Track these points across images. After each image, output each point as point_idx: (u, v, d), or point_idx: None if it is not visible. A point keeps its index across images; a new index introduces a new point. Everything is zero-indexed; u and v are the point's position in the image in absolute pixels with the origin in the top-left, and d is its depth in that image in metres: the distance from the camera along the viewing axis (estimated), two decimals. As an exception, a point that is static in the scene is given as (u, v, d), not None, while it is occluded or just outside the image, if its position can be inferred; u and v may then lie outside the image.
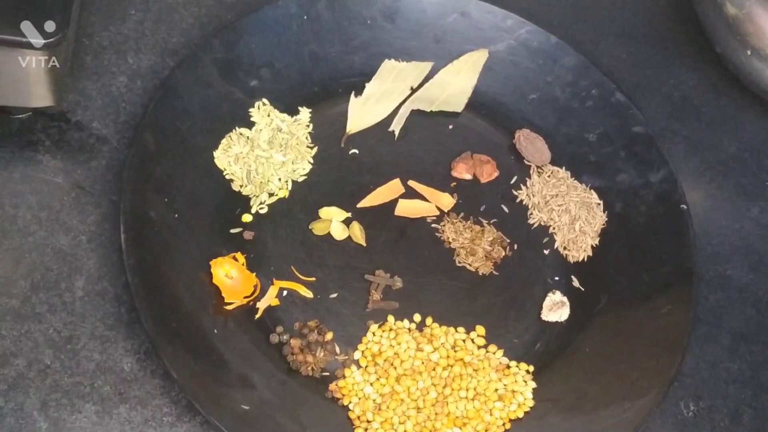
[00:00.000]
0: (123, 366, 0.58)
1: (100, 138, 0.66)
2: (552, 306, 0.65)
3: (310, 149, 0.68)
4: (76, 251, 0.61)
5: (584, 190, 0.69)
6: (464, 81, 0.72)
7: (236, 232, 0.64)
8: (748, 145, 0.77)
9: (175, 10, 0.72)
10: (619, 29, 0.81)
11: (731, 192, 0.74)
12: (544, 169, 0.70)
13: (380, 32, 0.72)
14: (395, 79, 0.71)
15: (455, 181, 0.69)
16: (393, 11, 0.72)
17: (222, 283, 0.61)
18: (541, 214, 0.68)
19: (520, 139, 0.70)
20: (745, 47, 0.71)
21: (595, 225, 0.68)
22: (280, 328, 0.61)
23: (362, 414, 0.59)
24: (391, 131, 0.70)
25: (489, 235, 0.66)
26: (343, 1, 0.71)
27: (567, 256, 0.67)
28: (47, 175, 0.63)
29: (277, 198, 0.66)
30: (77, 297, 0.60)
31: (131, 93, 0.68)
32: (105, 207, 0.63)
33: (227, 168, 0.66)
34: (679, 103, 0.78)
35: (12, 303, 0.59)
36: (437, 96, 0.72)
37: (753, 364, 0.66)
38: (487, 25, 0.73)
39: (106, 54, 0.69)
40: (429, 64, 0.72)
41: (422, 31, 0.73)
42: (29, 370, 0.57)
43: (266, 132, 0.67)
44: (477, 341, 0.63)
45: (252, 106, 0.68)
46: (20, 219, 0.62)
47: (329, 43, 0.71)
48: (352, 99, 0.71)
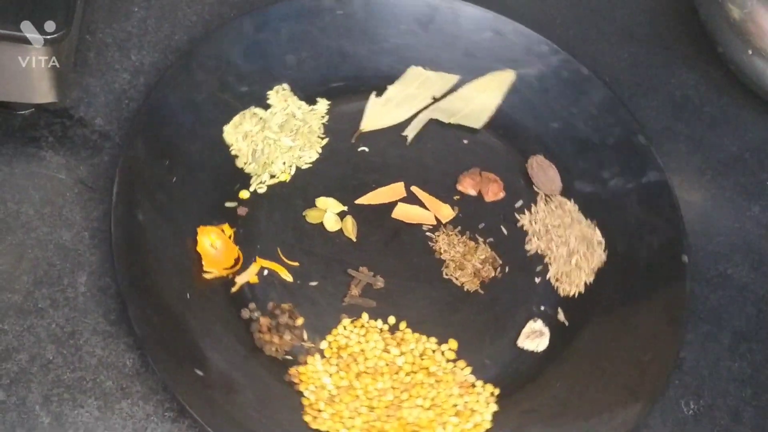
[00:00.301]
0: (125, 361, 0.58)
1: (103, 134, 0.66)
2: (530, 334, 0.63)
3: (321, 140, 0.69)
4: (79, 247, 0.61)
5: (588, 226, 0.68)
6: (488, 99, 0.72)
7: (231, 206, 0.65)
8: (749, 145, 0.77)
9: (178, 7, 0.72)
10: (621, 29, 0.81)
11: (732, 191, 0.74)
12: (553, 198, 0.69)
13: (412, 38, 0.72)
14: (419, 86, 0.71)
15: (459, 195, 0.69)
16: (428, 19, 0.72)
17: (205, 251, 0.61)
18: (539, 242, 0.67)
19: (533, 164, 0.70)
20: (747, 47, 0.71)
21: (592, 262, 0.66)
22: (253, 305, 0.62)
23: (315, 402, 0.59)
24: (405, 136, 0.70)
25: (482, 253, 0.66)
26: (381, 2, 0.72)
27: (558, 288, 0.66)
28: (50, 171, 0.64)
29: (278, 180, 0.67)
30: (80, 292, 0.60)
31: (134, 90, 0.68)
32: (108, 203, 0.63)
33: (234, 144, 0.66)
34: (680, 102, 0.78)
35: (14, 298, 0.59)
36: (458, 109, 0.71)
37: (753, 362, 0.66)
38: (520, 47, 0.72)
39: (109, 51, 0.69)
40: (455, 77, 0.72)
41: (454, 43, 0.72)
42: (31, 365, 0.57)
43: (280, 116, 0.68)
44: (447, 354, 0.62)
45: (270, 88, 0.69)
46: (23, 215, 0.62)
47: (359, 42, 0.71)
48: (371, 98, 0.71)
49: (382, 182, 0.68)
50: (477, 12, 0.72)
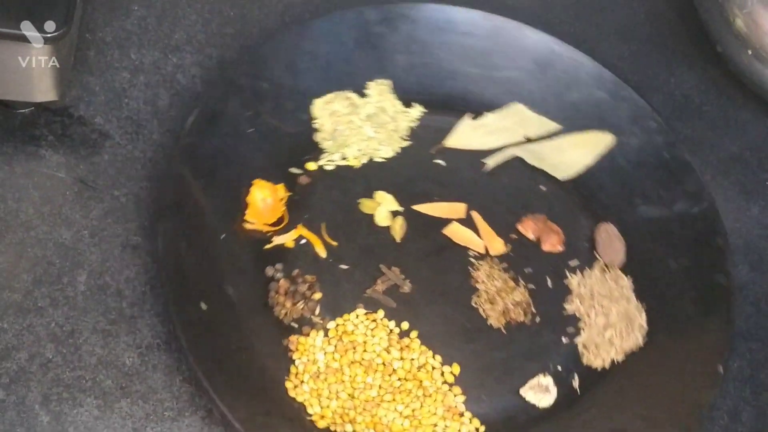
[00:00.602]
0: (125, 360, 0.58)
1: (103, 133, 0.66)
2: (536, 387, 0.61)
3: (402, 141, 0.69)
4: (78, 246, 0.61)
5: (636, 308, 0.64)
6: (580, 155, 0.70)
7: (295, 172, 0.67)
8: (748, 145, 0.77)
9: (177, 5, 0.72)
10: (621, 28, 0.81)
11: (732, 191, 0.74)
12: (610, 269, 0.66)
13: (526, 76, 0.72)
14: (517, 122, 0.71)
15: (516, 235, 0.67)
16: (547, 63, 0.72)
17: (254, 203, 0.63)
18: (581, 304, 0.64)
19: (601, 231, 0.67)
20: (746, 47, 0.71)
21: (627, 342, 0.63)
22: (280, 266, 0.62)
23: (301, 373, 0.59)
24: (484, 163, 0.70)
25: (518, 296, 0.64)
26: (508, 34, 0.72)
27: (582, 356, 0.63)
28: (50, 169, 0.64)
29: (347, 163, 0.68)
30: (79, 291, 0.60)
31: (134, 88, 0.68)
32: (107, 202, 0.63)
33: (319, 118, 0.68)
34: (680, 102, 0.78)
35: (14, 297, 0.59)
36: (547, 156, 0.70)
37: (752, 362, 0.66)
38: (629, 115, 0.71)
39: (109, 49, 0.69)
40: (556, 125, 0.71)
41: (565, 93, 0.72)
42: (31, 363, 0.57)
43: (372, 107, 0.69)
44: (446, 376, 0.61)
45: (372, 80, 0.70)
46: (22, 213, 0.62)
47: (473, 64, 0.72)
48: (465, 118, 0.71)
49: (445, 197, 0.68)
50: (598, 70, 0.72)
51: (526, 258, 0.67)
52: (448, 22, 0.72)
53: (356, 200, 0.67)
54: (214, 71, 0.70)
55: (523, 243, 0.67)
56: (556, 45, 0.72)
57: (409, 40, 0.71)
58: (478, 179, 0.69)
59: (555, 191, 0.70)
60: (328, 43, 0.70)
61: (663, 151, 0.70)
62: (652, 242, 0.68)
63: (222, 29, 0.73)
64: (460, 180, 0.69)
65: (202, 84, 0.69)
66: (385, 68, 0.71)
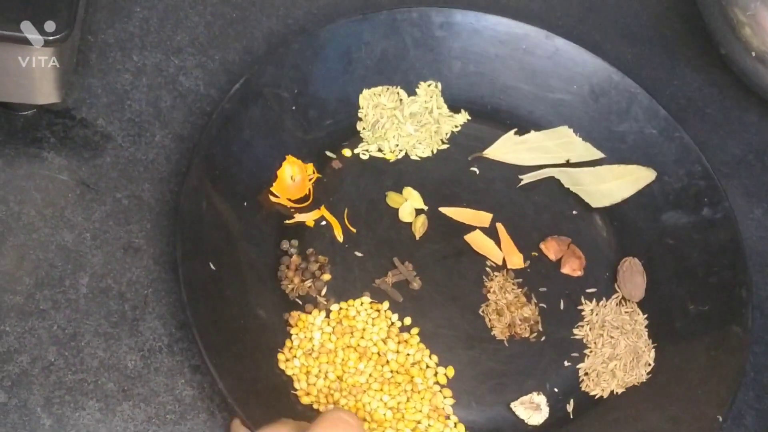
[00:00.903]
0: (127, 363, 0.58)
1: (105, 135, 0.66)
2: (528, 403, 0.61)
3: (441, 143, 0.70)
4: (81, 248, 0.61)
5: (645, 344, 0.64)
6: (619, 187, 0.70)
7: (329, 155, 0.68)
8: (752, 147, 0.77)
9: (180, 7, 0.72)
10: (624, 30, 0.81)
11: (735, 194, 0.73)
12: (627, 303, 0.66)
13: (578, 100, 0.72)
14: (560, 145, 0.71)
15: (537, 252, 0.67)
16: (602, 91, 0.72)
17: (282, 177, 0.65)
18: (590, 332, 0.64)
19: (625, 264, 0.67)
20: (750, 50, 0.71)
21: (629, 377, 0.63)
22: (296, 242, 0.64)
23: (295, 348, 0.60)
24: (520, 178, 0.70)
25: (527, 312, 0.64)
26: (569, 57, 0.72)
27: (582, 382, 0.63)
28: (52, 172, 0.63)
29: (382, 156, 0.69)
30: (81, 294, 0.60)
31: (136, 90, 0.68)
32: (109, 204, 0.63)
33: (364, 108, 0.70)
34: (683, 104, 0.78)
35: (16, 300, 0.59)
36: (585, 182, 0.70)
37: (756, 365, 0.66)
38: (677, 157, 0.70)
39: (111, 51, 0.69)
40: (600, 154, 0.71)
41: (615, 124, 0.72)
42: (33, 366, 0.57)
43: (418, 106, 0.70)
44: (439, 377, 0.61)
45: (425, 80, 0.71)
46: (24, 216, 0.62)
47: (527, 81, 0.72)
48: (510, 133, 0.71)
49: (473, 205, 0.68)
50: (653, 106, 0.71)
51: (543, 277, 0.66)
52: (510, 37, 0.72)
53: (384, 193, 0.67)
54: (216, 73, 0.70)
55: (542, 261, 0.67)
56: (614, 74, 0.72)
57: (468, 48, 0.72)
58: (510, 193, 0.69)
59: (585, 217, 0.70)
60: (387, 38, 0.71)
61: (704, 196, 0.69)
62: (675, 283, 0.67)
63: (224, 31, 0.72)
64: (491, 190, 0.69)
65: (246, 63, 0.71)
66: (440, 71, 0.72)
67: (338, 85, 0.70)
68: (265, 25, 0.73)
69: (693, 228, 0.68)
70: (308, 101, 0.68)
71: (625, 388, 0.63)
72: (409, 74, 0.71)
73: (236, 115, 0.65)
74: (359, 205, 0.67)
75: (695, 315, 0.65)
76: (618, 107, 0.72)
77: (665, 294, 0.67)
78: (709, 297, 0.66)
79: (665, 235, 0.69)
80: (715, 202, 0.68)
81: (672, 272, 0.67)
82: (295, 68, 0.68)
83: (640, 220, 0.69)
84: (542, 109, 0.72)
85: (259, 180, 0.65)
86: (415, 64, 0.72)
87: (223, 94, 0.68)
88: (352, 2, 0.76)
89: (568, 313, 0.66)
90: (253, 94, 0.66)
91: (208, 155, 0.63)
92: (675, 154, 0.70)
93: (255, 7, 0.74)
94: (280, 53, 0.68)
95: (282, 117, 0.67)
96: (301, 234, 0.64)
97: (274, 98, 0.67)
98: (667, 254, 0.68)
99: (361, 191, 0.67)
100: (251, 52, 0.72)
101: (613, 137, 0.72)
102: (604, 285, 0.67)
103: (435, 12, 0.71)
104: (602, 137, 0.72)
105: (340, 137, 0.69)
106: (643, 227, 0.69)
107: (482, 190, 0.69)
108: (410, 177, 0.69)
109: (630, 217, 0.70)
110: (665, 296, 0.67)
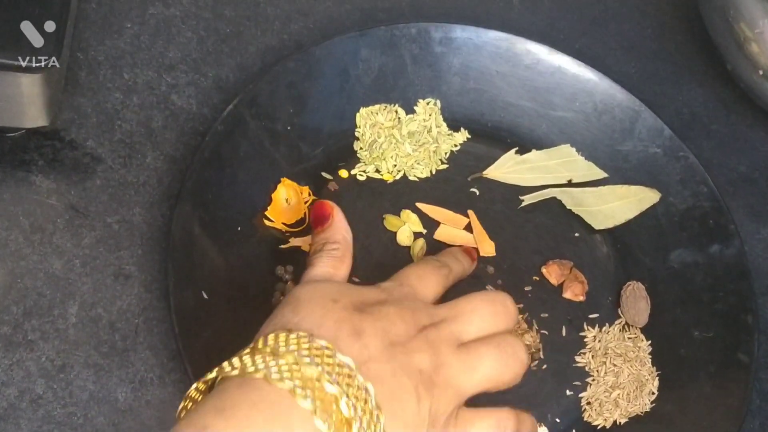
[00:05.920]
0: (117, 396, 0.57)
1: (95, 157, 0.64)
2: None
3: (440, 164, 0.68)
4: (70, 276, 0.60)
5: (650, 373, 0.62)
6: (622, 208, 0.68)
7: (326, 176, 0.66)
8: (758, 165, 0.75)
9: (172, 23, 0.70)
10: (629, 44, 0.79)
11: (740, 213, 0.72)
12: (631, 329, 0.64)
13: (581, 118, 0.70)
14: (562, 164, 0.69)
15: (539, 277, 0.65)
16: (606, 109, 0.70)
17: (277, 200, 0.63)
18: (592, 359, 0.63)
19: (627, 290, 0.65)
20: (757, 67, 0.69)
21: (633, 406, 0.61)
22: (291, 268, 0.62)
23: None
24: (521, 199, 0.68)
25: (528, 339, 0.62)
26: (572, 75, 0.70)
27: (584, 411, 0.61)
28: (40, 195, 0.62)
29: (380, 177, 0.67)
30: (70, 324, 0.58)
31: (127, 110, 0.66)
32: (99, 230, 0.61)
33: (361, 127, 0.68)
34: (688, 119, 0.76)
35: (3, 330, 0.57)
36: (588, 203, 0.68)
37: (762, 393, 0.65)
38: (682, 177, 0.68)
39: (101, 69, 0.67)
40: (603, 173, 0.69)
41: (618, 143, 0.70)
42: (21, 400, 0.56)
43: (417, 125, 0.68)
44: None
45: (423, 98, 0.70)
46: (12, 242, 0.60)
47: (529, 99, 0.71)
48: (510, 152, 0.69)
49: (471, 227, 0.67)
50: (658, 125, 0.69)
51: (544, 302, 0.65)
52: (511, 52, 0.70)
53: (381, 215, 0.66)
54: (210, 91, 0.68)
55: (543, 286, 0.65)
56: (618, 93, 0.70)
57: (468, 64, 0.70)
58: (510, 214, 0.68)
59: (588, 240, 0.68)
60: (385, 55, 0.69)
61: (709, 218, 0.67)
62: (679, 309, 0.65)
63: (218, 47, 0.71)
64: (491, 212, 0.67)
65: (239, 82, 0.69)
66: (439, 88, 0.70)
67: (335, 103, 0.68)
68: (259, 40, 0.72)
69: (699, 250, 0.67)
70: (304, 121, 0.66)
71: (628, 418, 0.61)
72: (407, 91, 0.70)
73: (229, 138, 0.63)
74: (357, 229, 0.63)
75: (700, 341, 0.64)
76: (621, 125, 0.70)
77: (669, 320, 0.65)
78: (714, 323, 0.64)
79: (670, 258, 0.67)
80: (722, 225, 0.67)
81: (676, 297, 0.66)
82: (291, 87, 0.66)
83: (644, 242, 0.68)
84: (544, 127, 0.71)
85: (253, 204, 0.63)
86: (413, 80, 0.70)
87: (217, 112, 0.66)
88: (349, 17, 0.74)
89: (570, 339, 0.64)
90: (246, 115, 0.64)
91: (200, 179, 0.61)
92: (680, 174, 0.69)
93: (249, 22, 0.72)
94: (274, 71, 0.66)
95: (277, 138, 0.65)
96: (296, 259, 0.63)
97: (268, 119, 0.65)
98: (671, 279, 0.66)
99: (358, 214, 0.65)
100: (245, 69, 0.70)
101: (617, 156, 0.70)
102: (607, 310, 0.66)
103: (434, 27, 0.70)
104: (605, 156, 0.70)
105: (336, 158, 0.67)
106: (647, 249, 0.68)
107: (482, 211, 0.67)
108: (408, 199, 0.67)
109: (633, 239, 0.68)
110: (669, 322, 0.65)
